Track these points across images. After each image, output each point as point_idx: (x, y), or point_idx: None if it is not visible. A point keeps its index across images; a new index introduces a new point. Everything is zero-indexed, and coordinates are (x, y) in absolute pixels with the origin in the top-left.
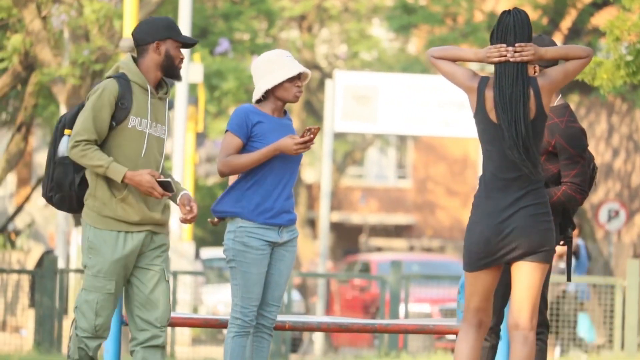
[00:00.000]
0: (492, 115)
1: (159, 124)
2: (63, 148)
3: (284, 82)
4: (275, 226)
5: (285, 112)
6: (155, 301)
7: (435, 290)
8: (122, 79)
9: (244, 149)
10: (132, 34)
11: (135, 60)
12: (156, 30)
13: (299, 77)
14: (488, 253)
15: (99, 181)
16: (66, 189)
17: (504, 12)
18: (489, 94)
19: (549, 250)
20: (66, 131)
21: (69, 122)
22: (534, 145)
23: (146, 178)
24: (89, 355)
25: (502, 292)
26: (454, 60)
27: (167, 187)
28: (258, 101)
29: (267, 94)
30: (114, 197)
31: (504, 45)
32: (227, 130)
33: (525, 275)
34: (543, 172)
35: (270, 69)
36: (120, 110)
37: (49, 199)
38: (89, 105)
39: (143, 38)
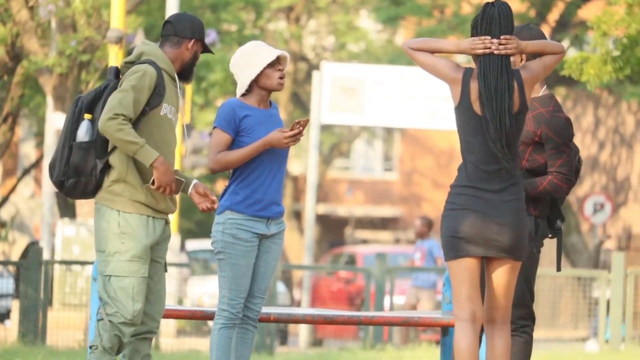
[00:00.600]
0: (476, 107)
1: (177, 109)
2: (82, 133)
3: (264, 69)
4: (263, 218)
5: (271, 103)
6: (160, 295)
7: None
8: (155, 65)
9: (233, 144)
10: (172, 22)
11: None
12: (198, 29)
13: (279, 61)
14: (473, 239)
15: (129, 167)
16: (87, 174)
17: (488, 3)
18: (474, 86)
19: (525, 249)
20: (86, 115)
21: (86, 106)
22: (516, 139)
23: (172, 171)
24: (123, 342)
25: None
26: (432, 51)
27: (180, 187)
28: (243, 95)
29: (251, 86)
30: (144, 184)
31: (489, 37)
32: (215, 127)
33: (501, 273)
34: (520, 166)
35: (248, 61)
36: (156, 96)
37: (61, 184)
38: (129, 84)
39: (184, 31)
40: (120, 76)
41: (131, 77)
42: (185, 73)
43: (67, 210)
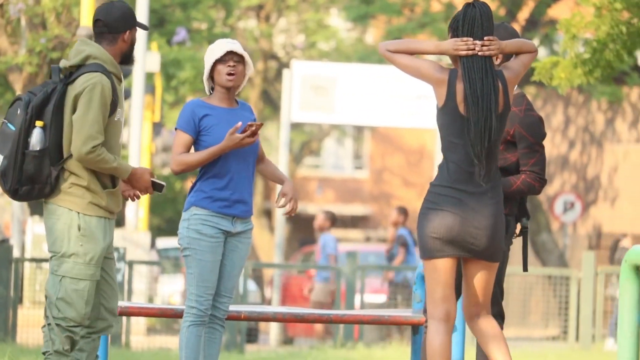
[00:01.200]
0: (462, 108)
1: (123, 109)
2: (35, 140)
3: (216, 66)
4: (228, 216)
5: (240, 103)
6: (116, 290)
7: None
8: (107, 73)
9: (196, 143)
10: (102, 20)
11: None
12: (129, 17)
13: (231, 57)
14: (448, 242)
15: (89, 173)
16: (42, 182)
17: (468, 4)
18: (460, 87)
19: (501, 251)
20: (38, 123)
21: (37, 112)
22: (498, 140)
23: (145, 177)
24: (75, 340)
25: (458, 284)
26: (411, 53)
27: (157, 187)
28: (210, 94)
29: (214, 85)
30: (104, 189)
31: (471, 38)
32: (176, 129)
33: (479, 274)
34: (497, 169)
35: (206, 58)
36: (112, 105)
37: (14, 192)
38: (95, 105)
39: (117, 27)
40: (61, 76)
41: (93, 96)
42: (126, 61)
43: (38, 208)
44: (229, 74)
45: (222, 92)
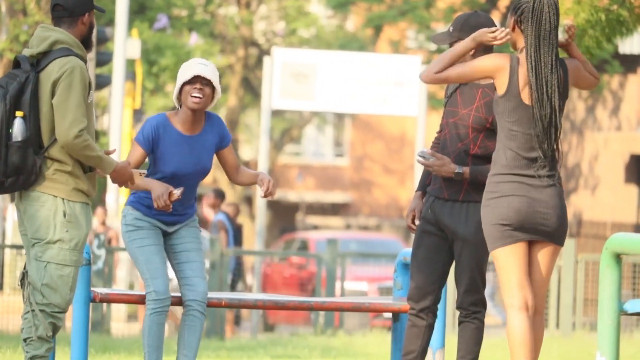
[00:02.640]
0: (524, 96)
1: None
2: (17, 131)
3: (184, 86)
4: (161, 221)
5: (206, 119)
6: None
7: (373, 269)
8: (78, 56)
9: (152, 157)
10: (61, 4)
11: None
12: (87, 1)
13: (201, 81)
14: (521, 224)
15: (72, 158)
16: (27, 171)
17: None
18: (522, 74)
19: (565, 234)
20: (18, 113)
21: (14, 102)
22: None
23: (128, 170)
24: (57, 326)
25: (441, 272)
26: (456, 61)
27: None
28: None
29: (180, 102)
30: (85, 173)
31: (502, 28)
32: (134, 140)
33: (544, 258)
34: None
35: (178, 77)
36: (89, 87)
37: (0, 185)
38: (76, 88)
39: (76, 10)
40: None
41: (73, 80)
42: (85, 44)
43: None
44: (195, 97)
45: (187, 113)
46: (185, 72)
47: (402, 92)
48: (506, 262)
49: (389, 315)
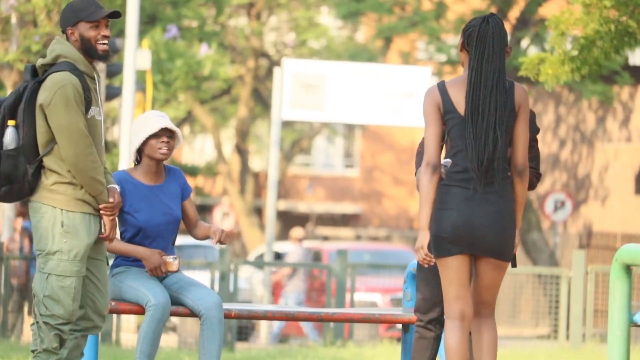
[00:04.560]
0: (460, 111)
1: (102, 109)
2: (8, 140)
3: (148, 139)
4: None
5: (167, 171)
6: (105, 291)
7: (387, 280)
8: (76, 71)
9: (119, 216)
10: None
11: None
12: (66, 17)
13: (168, 135)
14: (456, 240)
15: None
16: (19, 180)
17: (483, 19)
18: (453, 92)
19: (511, 250)
20: (9, 122)
21: (9, 112)
22: (503, 150)
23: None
24: (63, 339)
25: (437, 283)
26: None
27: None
28: (136, 164)
29: (141, 156)
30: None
31: (426, 254)
32: None
33: (488, 272)
34: (505, 169)
35: (138, 129)
36: (86, 102)
37: None
38: (70, 103)
39: (62, 25)
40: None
41: (65, 95)
42: (93, 56)
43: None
44: (164, 149)
45: (151, 165)
46: (149, 125)
47: (412, 103)
48: (444, 274)
49: (400, 326)
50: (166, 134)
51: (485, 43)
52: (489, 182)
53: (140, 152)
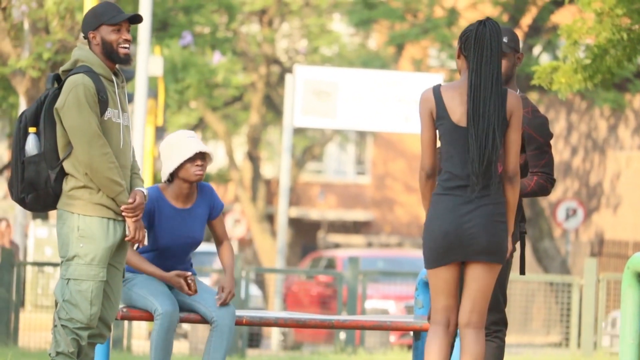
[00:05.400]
0: (455, 119)
1: (125, 112)
2: (30, 147)
3: (183, 163)
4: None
5: (198, 191)
6: (116, 301)
7: (400, 287)
8: (91, 73)
9: (148, 229)
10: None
11: None
12: (88, 21)
13: (202, 156)
14: (447, 248)
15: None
16: (42, 187)
17: (480, 22)
18: (447, 97)
19: (504, 252)
20: (31, 129)
21: (30, 119)
22: (497, 154)
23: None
24: (81, 345)
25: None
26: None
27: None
28: (168, 181)
29: (173, 176)
30: None
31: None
32: None
33: (479, 276)
34: (497, 174)
35: (170, 152)
36: (102, 104)
37: (21, 201)
38: (83, 104)
39: (83, 30)
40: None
41: (77, 96)
42: (112, 60)
43: (42, 212)
44: (199, 173)
45: (183, 187)
46: (182, 149)
47: None
48: (434, 283)
49: (412, 333)
50: (200, 156)
51: (483, 45)
52: (485, 184)
53: (173, 174)
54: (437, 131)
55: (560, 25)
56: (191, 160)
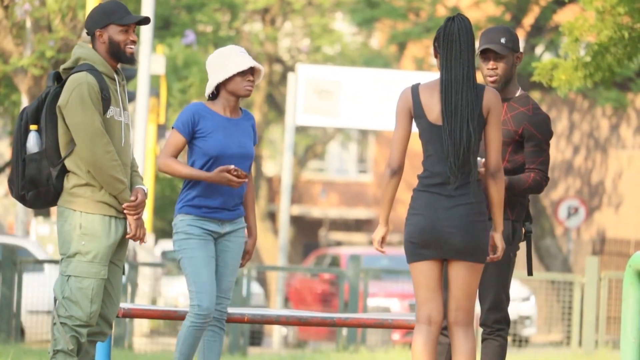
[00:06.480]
0: (431, 118)
1: (126, 110)
2: (31, 144)
3: (234, 76)
4: (214, 219)
5: (242, 111)
6: (116, 298)
7: (405, 286)
8: (94, 71)
9: (190, 145)
10: (84, 23)
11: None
12: (96, 19)
13: (251, 72)
14: (424, 245)
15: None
16: (43, 184)
17: (449, 18)
18: (424, 97)
19: (483, 251)
20: (32, 126)
21: (31, 117)
22: (475, 150)
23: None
24: (81, 342)
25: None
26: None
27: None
28: (211, 99)
29: (219, 90)
30: None
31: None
32: (172, 127)
33: (460, 275)
34: (475, 172)
35: (222, 63)
36: (105, 102)
37: (22, 198)
38: (86, 102)
39: (88, 28)
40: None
41: (80, 94)
42: (118, 60)
43: (42, 209)
44: (249, 86)
45: (231, 100)
46: (235, 62)
47: None
48: (415, 278)
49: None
50: (251, 72)
51: (452, 41)
52: (464, 182)
53: (218, 86)
54: (418, 130)
55: (562, 23)
56: (243, 73)
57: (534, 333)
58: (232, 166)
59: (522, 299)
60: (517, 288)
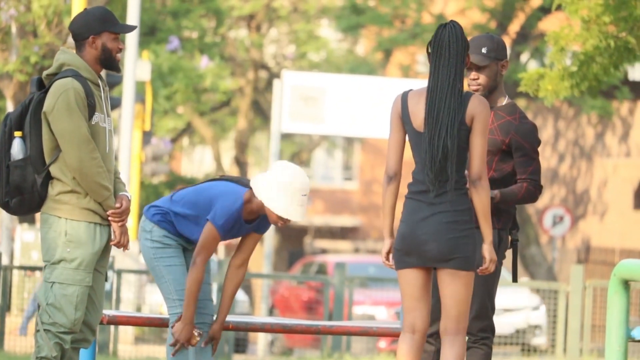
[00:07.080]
0: (416, 125)
1: (109, 117)
2: (16, 151)
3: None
4: (184, 240)
5: (258, 216)
6: (100, 305)
7: (391, 293)
8: (79, 77)
9: (187, 217)
10: (69, 28)
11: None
12: (90, 24)
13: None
14: (405, 252)
15: (73, 177)
16: (28, 191)
17: (440, 25)
18: (411, 104)
19: (463, 258)
20: (16, 133)
21: (15, 123)
22: (454, 156)
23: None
24: (65, 349)
25: (438, 296)
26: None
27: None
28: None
29: (256, 200)
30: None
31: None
32: (214, 225)
33: (444, 283)
34: (460, 180)
35: (278, 197)
36: (90, 108)
37: (5, 205)
38: (72, 108)
39: (79, 33)
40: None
41: (67, 100)
42: (108, 67)
43: (26, 216)
44: (279, 225)
45: (257, 213)
46: (288, 209)
47: None
48: (401, 286)
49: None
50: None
51: (441, 48)
52: (444, 190)
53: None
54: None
55: (548, 31)
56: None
57: (543, 342)
58: (199, 331)
59: (532, 307)
60: (527, 297)
